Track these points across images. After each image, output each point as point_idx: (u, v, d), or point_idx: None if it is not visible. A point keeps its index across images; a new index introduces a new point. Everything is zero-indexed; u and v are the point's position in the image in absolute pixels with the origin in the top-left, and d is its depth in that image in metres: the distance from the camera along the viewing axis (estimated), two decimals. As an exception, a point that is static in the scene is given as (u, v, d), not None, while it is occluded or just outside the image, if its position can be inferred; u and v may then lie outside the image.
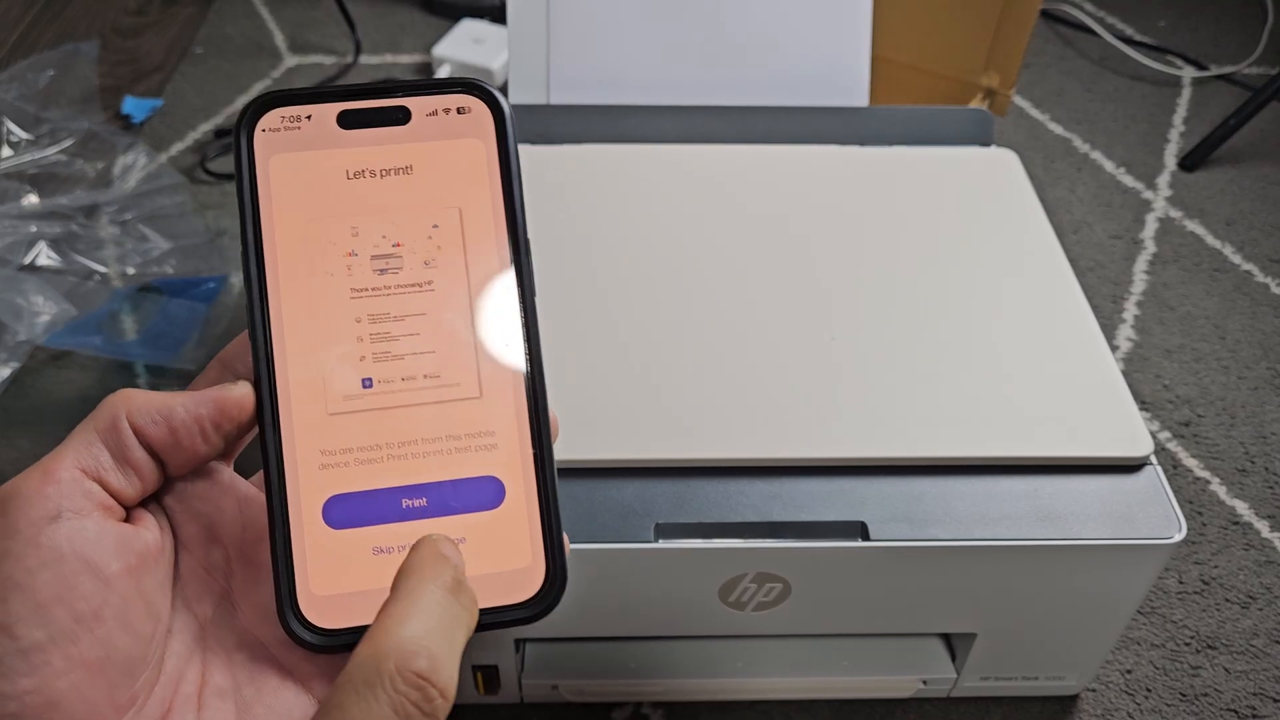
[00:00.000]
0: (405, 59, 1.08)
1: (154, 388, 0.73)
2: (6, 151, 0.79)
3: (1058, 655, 0.53)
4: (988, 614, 0.50)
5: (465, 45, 1.05)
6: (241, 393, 0.27)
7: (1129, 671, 0.59)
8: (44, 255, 0.76)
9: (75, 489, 0.25)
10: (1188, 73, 1.09)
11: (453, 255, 0.29)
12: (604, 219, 0.57)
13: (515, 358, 0.29)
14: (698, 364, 0.49)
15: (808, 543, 0.45)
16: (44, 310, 0.71)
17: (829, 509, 0.46)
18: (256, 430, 0.28)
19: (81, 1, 0.90)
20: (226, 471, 0.29)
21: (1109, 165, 0.97)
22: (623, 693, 0.56)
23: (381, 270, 0.29)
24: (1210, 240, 0.89)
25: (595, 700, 0.57)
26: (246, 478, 0.30)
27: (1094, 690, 0.59)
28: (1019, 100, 1.05)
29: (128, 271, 0.78)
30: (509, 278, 0.29)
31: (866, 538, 0.45)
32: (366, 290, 0.29)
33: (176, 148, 0.94)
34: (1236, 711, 0.58)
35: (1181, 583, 0.64)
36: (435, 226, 0.29)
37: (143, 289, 0.77)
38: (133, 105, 0.95)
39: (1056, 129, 1.01)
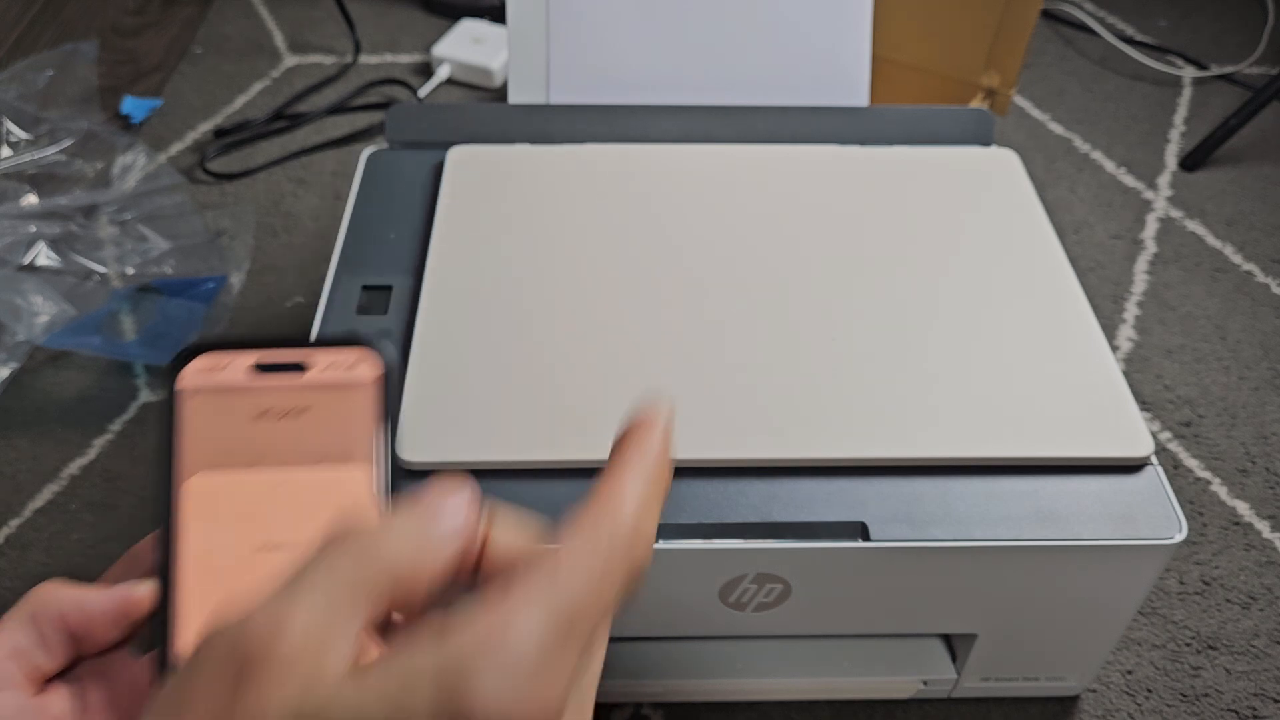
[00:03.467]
0: (405, 58, 1.08)
1: (153, 388, 0.74)
2: (6, 151, 0.79)
3: (1058, 656, 0.53)
4: (988, 614, 0.50)
5: (465, 45, 1.05)
6: (142, 593, 0.32)
7: (1130, 672, 0.59)
8: (43, 255, 0.76)
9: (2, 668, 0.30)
10: (1188, 73, 1.09)
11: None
12: (604, 219, 0.57)
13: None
14: (698, 364, 0.49)
15: (808, 543, 0.45)
16: (43, 310, 0.71)
17: (829, 509, 0.45)
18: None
19: (81, 1, 0.90)
20: (124, 650, 0.34)
21: (1109, 165, 0.97)
22: (623, 693, 0.56)
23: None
24: (1211, 240, 0.89)
25: (595, 701, 0.56)
26: None
27: (1095, 691, 0.58)
28: (1019, 100, 1.05)
29: (127, 272, 0.78)
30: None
31: (866, 538, 0.45)
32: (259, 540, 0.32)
33: (176, 148, 0.94)
34: (1237, 712, 0.58)
35: (1182, 583, 0.64)
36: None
37: (142, 289, 0.77)
38: (132, 105, 0.95)
39: (1057, 129, 1.01)
